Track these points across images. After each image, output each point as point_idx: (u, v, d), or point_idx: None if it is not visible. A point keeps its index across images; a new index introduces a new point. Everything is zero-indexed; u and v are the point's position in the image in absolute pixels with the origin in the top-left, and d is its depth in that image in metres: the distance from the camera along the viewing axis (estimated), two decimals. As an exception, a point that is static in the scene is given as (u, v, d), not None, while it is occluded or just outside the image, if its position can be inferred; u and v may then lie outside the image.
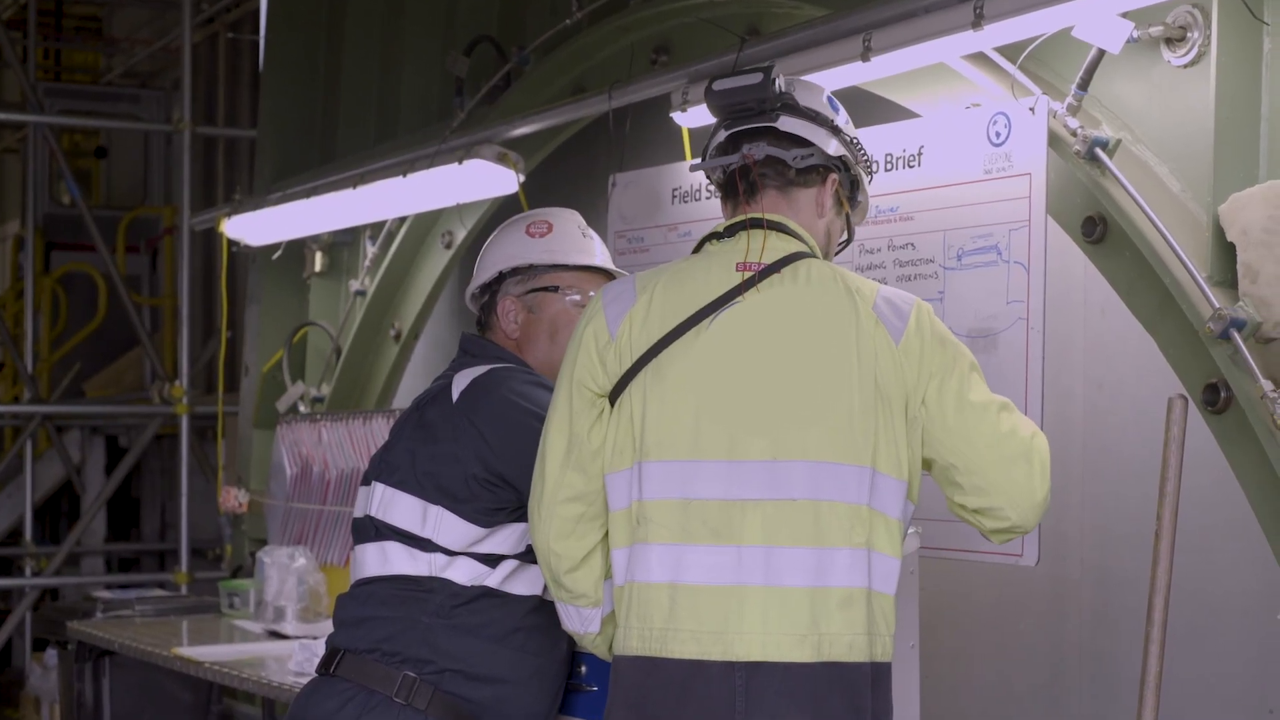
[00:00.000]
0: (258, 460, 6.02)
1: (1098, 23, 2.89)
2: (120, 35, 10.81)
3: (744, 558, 2.30)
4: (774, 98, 2.48)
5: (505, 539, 2.67)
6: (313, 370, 5.89)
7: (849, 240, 2.64)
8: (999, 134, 3.13)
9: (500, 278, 2.88)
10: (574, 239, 2.90)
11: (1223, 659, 2.97)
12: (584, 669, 2.76)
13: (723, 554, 2.31)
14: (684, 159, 3.86)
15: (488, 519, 2.65)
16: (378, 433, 4.87)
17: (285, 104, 6.18)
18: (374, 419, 4.96)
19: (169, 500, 9.41)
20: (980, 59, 3.17)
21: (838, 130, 2.53)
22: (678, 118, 3.61)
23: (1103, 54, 3.01)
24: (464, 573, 2.66)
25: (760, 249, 2.40)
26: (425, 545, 2.66)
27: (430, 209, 5.12)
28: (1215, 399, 2.83)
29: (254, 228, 5.69)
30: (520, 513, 2.64)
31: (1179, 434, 2.63)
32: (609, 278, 2.90)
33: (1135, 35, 2.92)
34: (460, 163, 4.39)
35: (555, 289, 2.86)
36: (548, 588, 2.64)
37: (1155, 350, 2.99)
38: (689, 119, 3.60)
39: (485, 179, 4.46)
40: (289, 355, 5.87)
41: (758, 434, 2.32)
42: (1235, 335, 2.77)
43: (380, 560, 2.71)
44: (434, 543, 2.66)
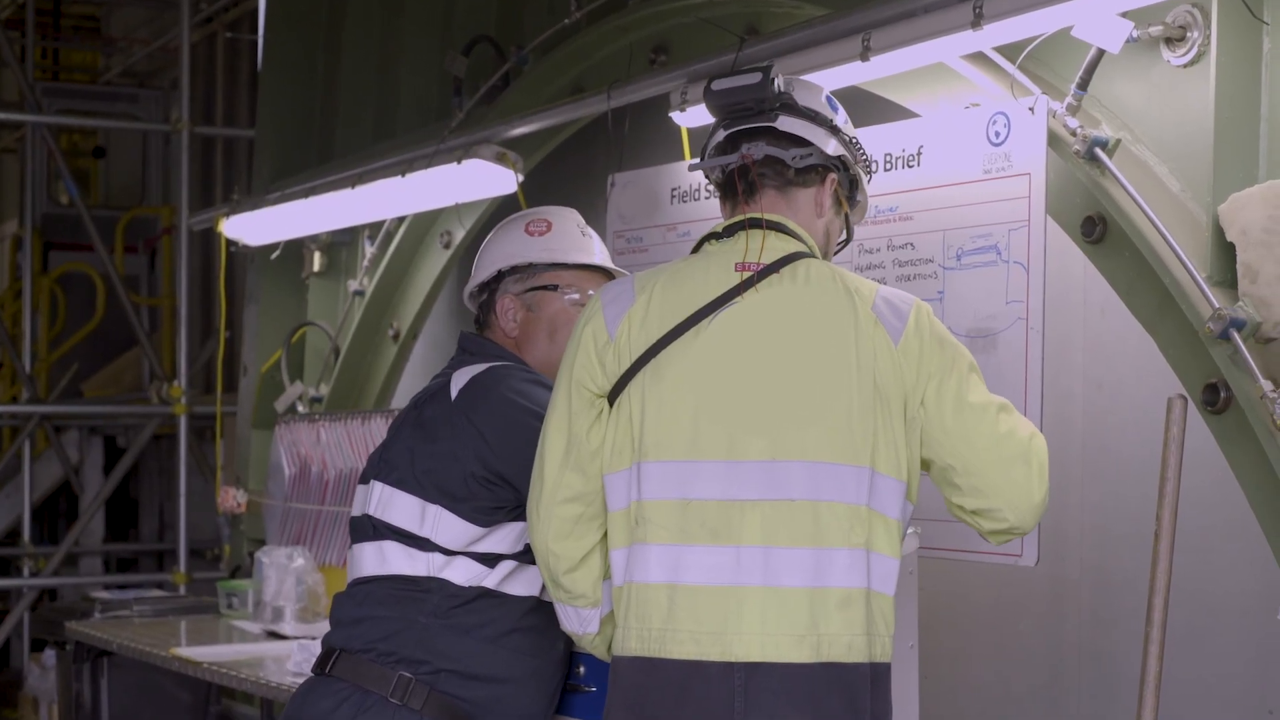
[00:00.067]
0: (256, 460, 6.01)
1: (1097, 22, 2.89)
2: (118, 35, 10.81)
3: (743, 558, 2.29)
4: (772, 97, 2.48)
5: (503, 538, 2.67)
6: (311, 370, 5.89)
7: (848, 240, 2.63)
8: (998, 134, 3.12)
9: (499, 276, 2.88)
10: (573, 238, 2.89)
11: (1222, 659, 2.97)
12: (582, 669, 2.76)
13: (721, 554, 2.30)
14: (683, 159, 3.85)
15: (486, 518, 2.65)
16: (376, 433, 4.86)
17: (284, 104, 6.18)
18: (373, 419, 4.96)
19: (167, 500, 9.40)
20: (980, 59, 3.17)
21: (836, 130, 2.53)
22: (676, 117, 3.61)
23: (1102, 54, 3.00)
24: (462, 573, 2.65)
25: (759, 249, 2.40)
26: (423, 545, 2.66)
27: (429, 209, 5.11)
28: (1215, 399, 2.83)
29: (252, 228, 5.69)
30: (518, 512, 2.64)
31: (1178, 434, 2.62)
32: (608, 277, 2.89)
33: (1135, 35, 2.92)
34: (459, 162, 4.38)
35: (554, 287, 2.85)
36: (545, 588, 2.64)
37: (1155, 350, 2.98)
38: (688, 119, 3.60)
39: (484, 179, 4.46)
40: (287, 355, 5.87)
41: (756, 434, 2.32)
42: (1235, 335, 2.76)
43: (378, 560, 2.70)
44: (432, 542, 2.65)
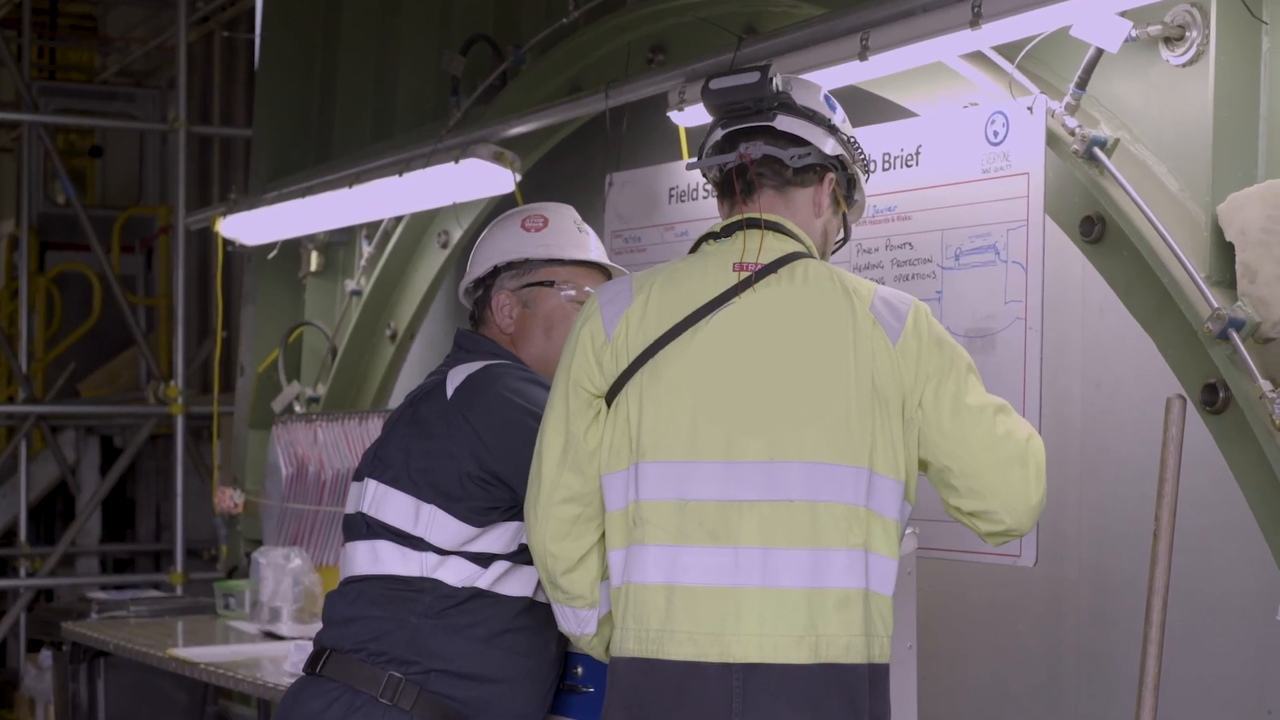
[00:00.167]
0: (253, 460, 6.01)
1: (1096, 22, 2.88)
2: (115, 34, 10.80)
3: (741, 559, 2.29)
4: (770, 97, 2.47)
5: (498, 538, 2.65)
6: (308, 370, 5.88)
7: (845, 239, 2.63)
8: (997, 133, 3.12)
9: (495, 272, 2.86)
10: (570, 234, 2.88)
11: (1221, 659, 2.97)
12: (580, 670, 2.75)
13: (720, 555, 2.30)
14: (681, 158, 3.85)
15: (481, 518, 2.63)
16: (373, 433, 4.84)
17: (281, 103, 6.17)
18: (370, 419, 4.95)
19: (164, 501, 9.38)
20: (978, 58, 3.17)
21: (835, 129, 2.52)
22: (675, 117, 3.61)
23: (1101, 53, 3.00)
24: (455, 573, 2.64)
25: (757, 249, 2.39)
26: (417, 544, 2.64)
27: (426, 208, 5.11)
28: (1214, 399, 2.83)
29: (249, 227, 5.68)
30: (513, 512, 2.63)
31: (1177, 434, 2.62)
32: (604, 273, 2.89)
33: (1134, 34, 2.92)
34: (456, 162, 4.38)
35: (551, 284, 2.84)
36: (539, 589, 2.63)
37: (1153, 350, 2.98)
38: (686, 118, 3.59)
39: (481, 178, 4.45)
40: (284, 355, 5.86)
41: (754, 435, 2.31)
42: (1234, 335, 2.76)
43: (370, 559, 2.69)
44: (425, 541, 2.63)
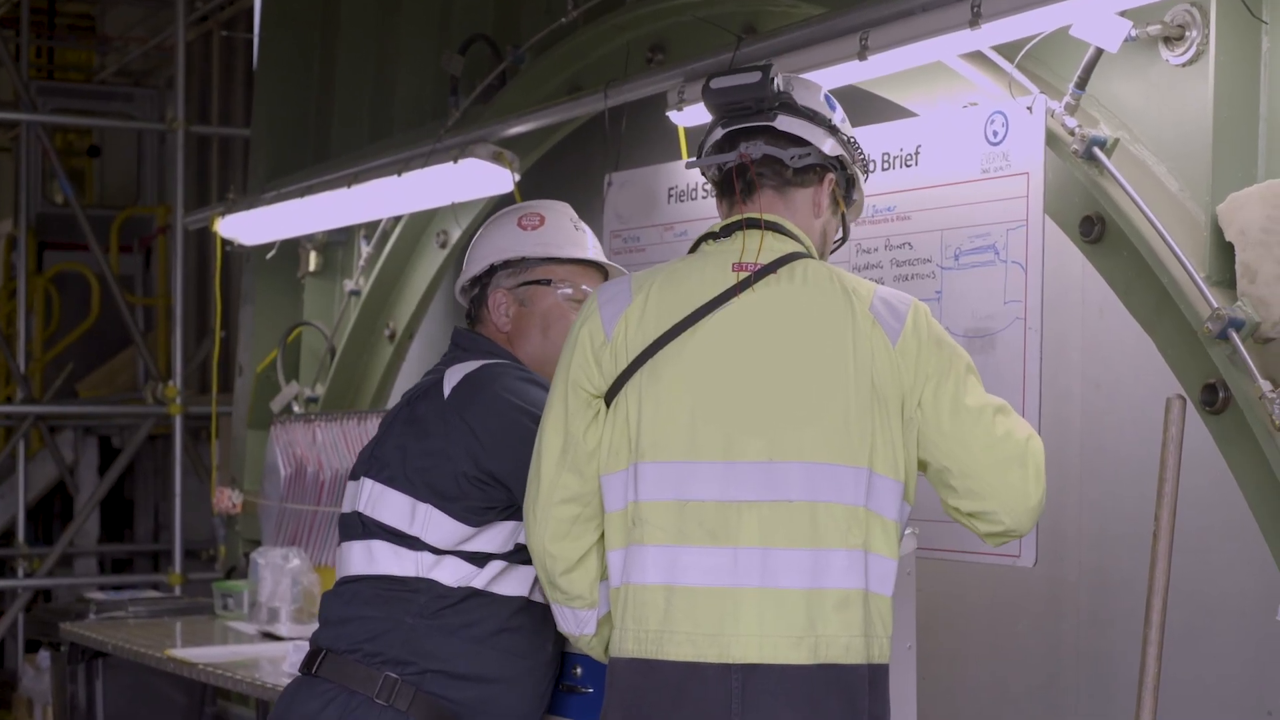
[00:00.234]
0: (252, 461, 6.00)
1: (1096, 21, 2.88)
2: (113, 33, 10.79)
3: (740, 559, 2.28)
4: (772, 97, 2.46)
5: (493, 538, 2.64)
6: (307, 370, 5.87)
7: (844, 239, 2.63)
8: (996, 133, 3.12)
9: (491, 270, 2.85)
10: (566, 232, 2.87)
11: (1220, 660, 2.96)
12: (579, 670, 2.74)
13: (719, 556, 2.29)
14: (680, 158, 3.84)
15: (477, 518, 2.63)
16: (372, 433, 4.80)
17: (279, 102, 6.16)
18: (369, 419, 4.94)
19: (162, 501, 9.37)
20: (978, 58, 3.16)
21: (835, 130, 2.52)
22: (674, 116, 3.60)
23: (1101, 53, 3.00)
24: (451, 573, 2.63)
25: (757, 249, 2.39)
26: (412, 543, 2.64)
27: (425, 208, 5.10)
28: (1213, 399, 2.82)
29: (248, 227, 5.68)
30: (509, 512, 2.63)
31: (1177, 434, 2.62)
32: (601, 271, 2.88)
33: (1133, 34, 2.91)
34: (455, 162, 4.37)
35: (548, 282, 2.82)
36: (535, 588, 2.63)
37: (1153, 350, 2.98)
38: (685, 118, 3.59)
39: (480, 178, 4.44)
40: (283, 355, 5.85)
41: (754, 435, 2.31)
42: (1234, 335, 2.76)
43: (366, 559, 2.68)
44: (421, 541, 2.63)
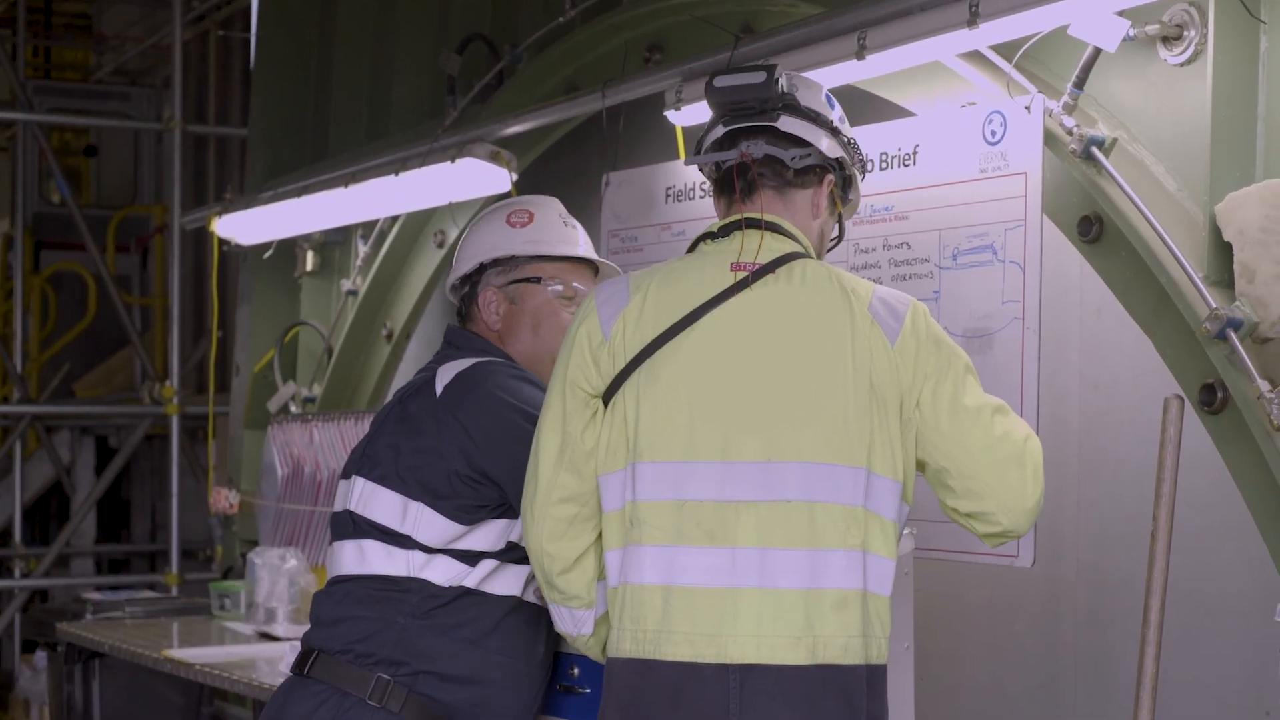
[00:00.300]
0: (249, 461, 5.99)
1: (1094, 21, 2.88)
2: (110, 33, 10.78)
3: (738, 560, 2.28)
4: (776, 98, 2.45)
5: (485, 536, 2.64)
6: (304, 370, 5.87)
7: (840, 239, 2.63)
8: (994, 133, 3.11)
9: (481, 268, 2.84)
10: (556, 228, 2.85)
11: (1219, 661, 2.96)
12: (577, 670, 2.74)
13: (717, 556, 2.29)
14: (678, 158, 3.84)
15: (469, 516, 2.62)
16: (369, 433, 4.84)
17: (276, 102, 6.16)
18: (366, 419, 4.94)
19: (159, 501, 9.37)
20: (976, 57, 3.16)
21: (836, 131, 2.52)
22: (671, 116, 3.60)
23: (1099, 52, 2.99)
24: (442, 572, 2.62)
25: (755, 249, 2.39)
26: (404, 542, 2.63)
27: (422, 208, 5.10)
28: (1212, 399, 2.82)
29: (245, 227, 5.67)
30: (501, 510, 2.62)
31: (1175, 434, 2.61)
32: (592, 267, 2.87)
33: (1131, 34, 2.91)
34: (453, 161, 4.37)
35: (538, 280, 2.81)
36: (527, 588, 2.63)
37: (1151, 350, 2.98)
38: (683, 117, 3.58)
39: (478, 178, 4.44)
40: (280, 355, 5.84)
41: (752, 435, 2.31)
42: (1232, 335, 2.75)
43: (357, 558, 2.67)
44: (413, 539, 2.62)
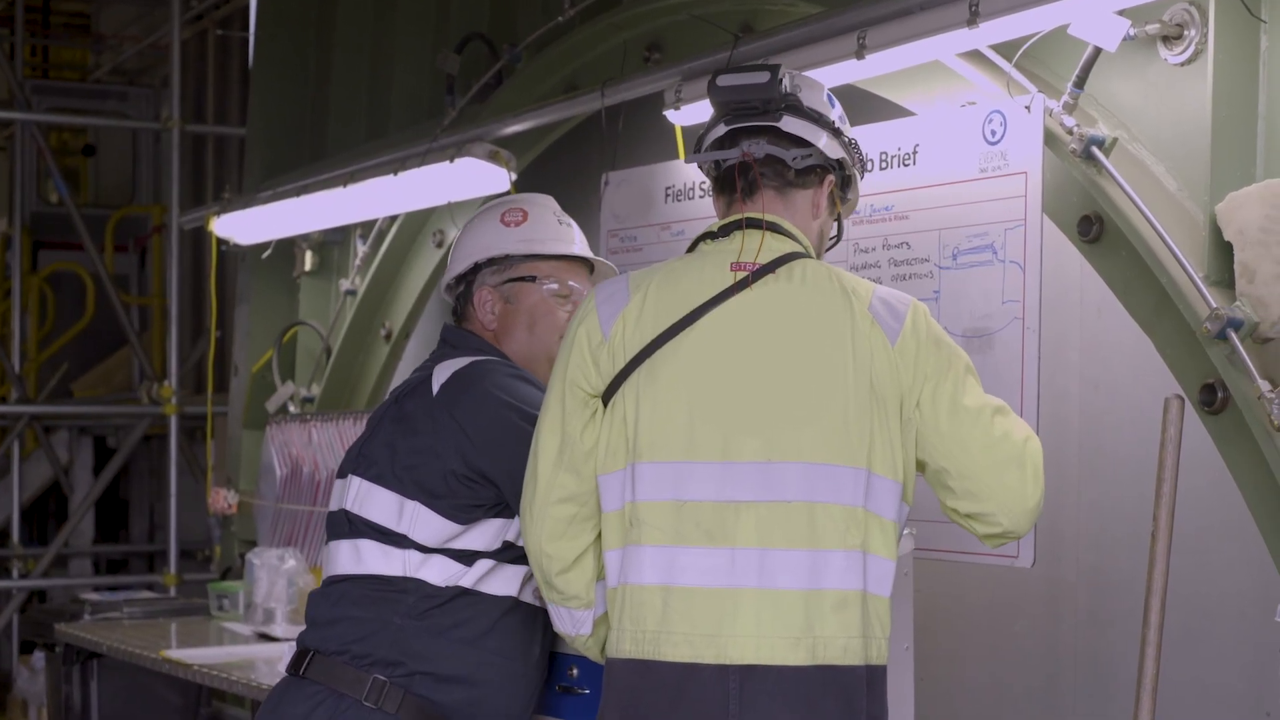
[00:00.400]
0: (247, 461, 5.99)
1: (1094, 20, 2.88)
2: (108, 32, 10.77)
3: (738, 560, 2.28)
4: (779, 98, 2.45)
5: (481, 535, 2.63)
6: (303, 370, 5.86)
7: (839, 238, 2.62)
8: (994, 132, 3.11)
9: (475, 268, 2.83)
10: (550, 227, 2.85)
11: (1219, 661, 2.95)
12: (576, 671, 2.74)
13: (716, 556, 2.29)
14: (677, 157, 3.84)
15: (465, 515, 2.61)
16: (368, 433, 4.84)
17: (275, 101, 6.15)
18: (364, 419, 4.91)
19: (158, 501, 9.36)
20: (976, 57, 3.15)
21: (837, 131, 2.51)
22: (671, 116, 3.59)
23: (1099, 52, 2.99)
24: (438, 572, 2.61)
25: (755, 249, 2.38)
26: (400, 541, 2.62)
27: (421, 208, 5.09)
28: (1212, 399, 2.82)
29: (243, 226, 5.67)
30: (498, 509, 2.62)
31: (1175, 434, 2.61)
32: (587, 265, 2.87)
33: (1132, 33, 2.91)
34: (451, 161, 4.36)
35: (533, 279, 2.81)
36: (524, 588, 2.62)
37: (1152, 350, 2.97)
38: (682, 117, 3.58)
39: (477, 177, 4.44)
40: (279, 355, 5.84)
41: (751, 435, 2.30)
42: (1232, 335, 2.75)
43: (353, 558, 2.67)
44: (409, 539, 2.62)
